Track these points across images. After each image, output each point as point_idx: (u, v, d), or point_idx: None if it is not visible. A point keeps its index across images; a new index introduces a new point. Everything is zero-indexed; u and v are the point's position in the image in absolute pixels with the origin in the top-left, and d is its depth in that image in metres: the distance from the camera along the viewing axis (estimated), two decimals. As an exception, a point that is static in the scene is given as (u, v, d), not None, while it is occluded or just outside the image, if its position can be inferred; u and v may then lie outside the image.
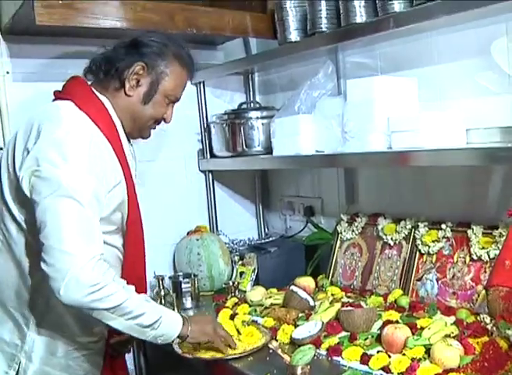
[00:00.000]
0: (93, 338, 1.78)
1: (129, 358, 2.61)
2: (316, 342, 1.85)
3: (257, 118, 2.59)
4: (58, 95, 1.77)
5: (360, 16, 2.04)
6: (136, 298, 1.63)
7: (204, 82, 2.80)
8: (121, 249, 1.80)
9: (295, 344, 1.88)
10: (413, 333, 1.77)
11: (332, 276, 2.49)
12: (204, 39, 2.69)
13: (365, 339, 1.85)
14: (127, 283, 1.66)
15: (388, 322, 1.89)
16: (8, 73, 2.41)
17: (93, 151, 1.61)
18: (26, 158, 1.59)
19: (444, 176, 2.17)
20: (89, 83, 1.81)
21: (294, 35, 2.34)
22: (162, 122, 1.90)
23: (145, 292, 1.91)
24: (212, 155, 2.82)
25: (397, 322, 1.90)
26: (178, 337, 1.74)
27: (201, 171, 2.92)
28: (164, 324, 1.68)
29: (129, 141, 1.87)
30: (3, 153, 1.75)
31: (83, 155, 1.59)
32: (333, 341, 1.85)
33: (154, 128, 1.91)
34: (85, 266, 1.50)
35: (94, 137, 1.64)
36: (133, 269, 1.82)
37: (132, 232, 1.79)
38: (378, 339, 1.82)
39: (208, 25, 2.43)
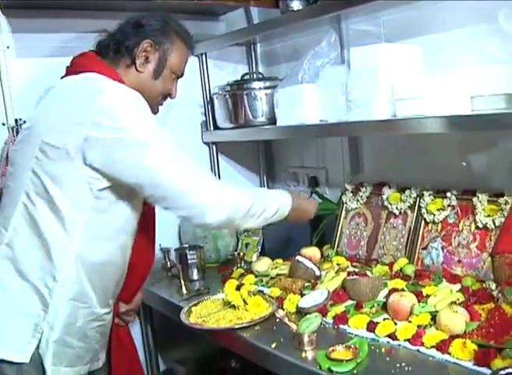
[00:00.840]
0: (107, 310, 1.81)
1: (136, 329, 2.65)
2: (322, 311, 1.86)
3: (261, 88, 2.57)
4: (77, 69, 1.79)
5: (364, -18, 2.01)
6: (259, 196, 1.89)
7: (206, 54, 2.78)
8: (138, 216, 1.86)
9: (301, 313, 1.89)
10: (419, 301, 1.77)
11: (338, 246, 2.49)
12: (206, 10, 2.68)
13: (371, 307, 1.86)
14: (137, 252, 1.87)
15: (394, 290, 1.89)
16: (8, 47, 2.40)
17: (144, 105, 1.71)
18: (82, 132, 1.60)
19: (449, 144, 2.16)
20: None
21: (296, 4, 2.31)
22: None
23: (153, 262, 2.06)
24: (216, 127, 2.81)
25: (403, 290, 1.91)
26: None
27: (205, 143, 2.92)
28: (281, 209, 1.93)
29: None
30: (26, 130, 1.77)
31: (147, 110, 1.71)
32: (339, 309, 1.87)
33: (162, 104, 1.98)
34: (212, 189, 1.75)
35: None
36: (147, 239, 1.96)
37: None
38: (384, 307, 1.83)
39: (210, -5, 2.41)
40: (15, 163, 1.77)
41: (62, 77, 1.83)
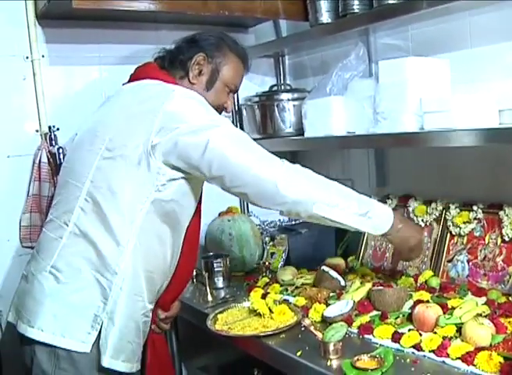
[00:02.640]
0: (152, 306, 1.85)
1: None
2: (347, 321, 1.87)
3: (289, 100, 2.60)
4: (140, 76, 1.89)
5: (393, -4, 2.04)
6: (343, 188, 1.87)
7: (234, 65, 2.81)
8: (191, 219, 1.91)
9: (326, 322, 1.90)
10: (444, 313, 1.78)
11: (363, 258, 2.50)
12: (236, 22, 2.72)
13: (396, 318, 1.86)
14: (183, 256, 1.92)
15: (419, 301, 1.90)
16: (43, 56, 2.47)
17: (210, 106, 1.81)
18: (152, 130, 1.67)
19: (475, 157, 2.17)
20: None
21: (326, 17, 2.35)
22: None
23: (195, 268, 2.18)
24: (244, 138, 2.83)
25: (428, 302, 1.91)
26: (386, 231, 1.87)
27: (233, 153, 2.94)
28: (376, 214, 1.84)
29: None
30: (88, 131, 1.85)
31: (210, 107, 1.79)
32: (364, 319, 1.87)
33: None
34: (285, 166, 1.77)
35: None
36: (192, 245, 1.99)
37: (200, 205, 1.96)
38: (409, 318, 1.83)
39: (240, 7, 2.45)
40: (74, 161, 1.84)
41: (124, 84, 1.93)
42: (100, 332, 1.68)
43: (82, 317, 1.69)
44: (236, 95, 2.84)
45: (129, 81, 1.92)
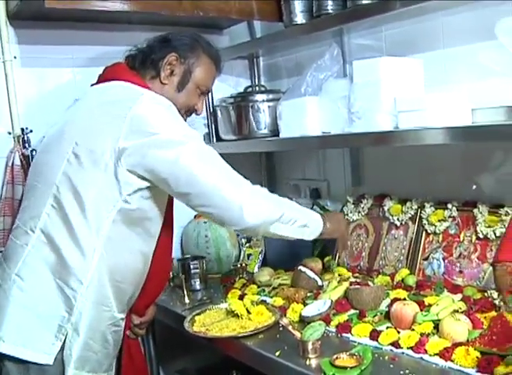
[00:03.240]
0: (122, 315, 1.82)
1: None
2: (325, 320, 1.87)
3: (264, 101, 2.60)
4: (109, 77, 1.86)
5: (367, -4, 2.05)
6: (291, 204, 1.91)
7: (209, 66, 2.80)
8: (161, 224, 1.88)
9: (304, 322, 1.90)
10: (421, 310, 1.79)
11: (339, 258, 2.51)
12: (210, 23, 2.71)
13: (374, 316, 1.87)
14: (156, 261, 1.88)
15: (396, 300, 1.91)
16: (15, 58, 2.44)
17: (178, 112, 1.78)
18: (119, 137, 1.64)
19: (449, 155, 2.19)
20: None
21: (300, 17, 2.35)
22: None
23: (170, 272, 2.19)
24: (218, 139, 2.83)
25: (405, 299, 1.92)
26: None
27: (207, 155, 2.93)
28: (312, 221, 1.92)
29: None
30: (55, 133, 1.81)
31: (178, 114, 1.76)
32: (342, 318, 1.88)
33: (185, 120, 1.98)
34: (250, 190, 1.74)
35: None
36: (166, 248, 1.97)
37: (171, 211, 1.92)
38: (387, 316, 1.85)
39: (215, 8, 2.45)
40: (42, 164, 1.80)
41: (92, 85, 1.89)
42: (64, 342, 1.65)
43: (45, 328, 1.65)
44: (210, 97, 2.83)
45: (98, 82, 1.89)
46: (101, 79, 1.88)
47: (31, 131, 2.40)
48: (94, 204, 1.67)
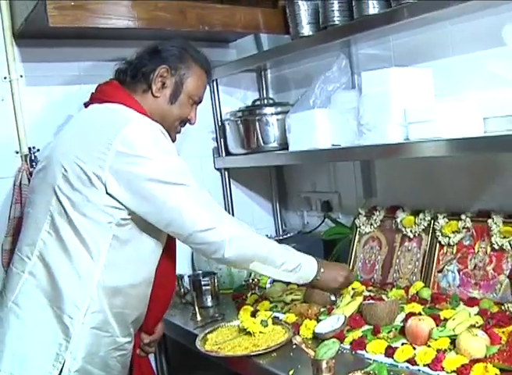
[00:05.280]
0: (128, 339, 1.81)
1: (150, 358, 2.63)
2: (339, 336, 1.84)
3: (272, 114, 2.59)
4: (102, 98, 1.84)
5: (373, 7, 2.03)
6: (282, 246, 1.92)
7: (217, 80, 2.79)
8: (162, 247, 1.87)
9: (318, 338, 1.87)
10: (437, 325, 1.75)
11: (352, 271, 2.47)
12: (217, 37, 2.70)
13: (389, 332, 1.83)
14: (159, 280, 1.87)
15: (411, 314, 1.87)
16: (22, 76, 2.43)
17: (167, 139, 1.76)
18: (106, 162, 1.63)
19: (462, 166, 2.16)
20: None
21: (307, 29, 2.34)
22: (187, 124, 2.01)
23: (174, 290, 2.10)
24: (228, 153, 2.82)
25: (420, 314, 1.89)
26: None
27: (217, 169, 2.93)
28: (304, 267, 1.93)
29: None
30: (46, 158, 1.80)
31: (168, 143, 1.75)
32: (357, 334, 1.84)
33: (179, 131, 2.01)
34: (234, 227, 1.77)
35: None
36: (169, 267, 1.95)
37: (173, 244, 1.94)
38: (402, 331, 1.81)
39: (220, 22, 2.44)
40: (35, 190, 1.79)
41: (85, 103, 1.88)
42: (61, 371, 1.63)
43: (42, 356, 1.64)
44: (218, 110, 2.82)
45: (91, 100, 1.88)
46: (94, 97, 1.87)
47: (38, 150, 2.39)
48: (88, 230, 1.66)
